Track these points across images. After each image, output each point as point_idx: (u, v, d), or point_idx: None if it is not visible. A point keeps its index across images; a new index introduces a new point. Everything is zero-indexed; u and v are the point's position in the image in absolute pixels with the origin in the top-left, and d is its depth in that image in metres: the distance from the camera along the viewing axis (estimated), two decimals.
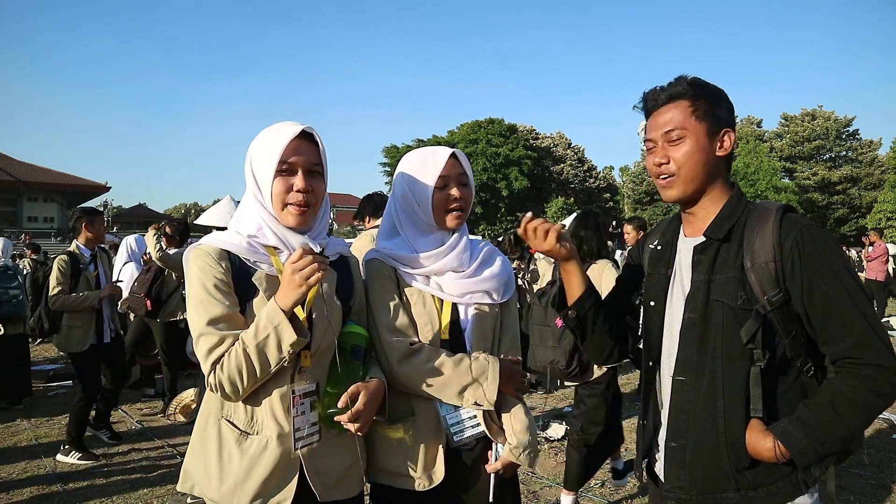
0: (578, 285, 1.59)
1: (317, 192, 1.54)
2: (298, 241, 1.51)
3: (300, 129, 1.50)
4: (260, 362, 1.41)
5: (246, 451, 1.46)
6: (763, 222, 1.37)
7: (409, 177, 1.71)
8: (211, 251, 1.50)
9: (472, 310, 1.71)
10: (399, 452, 1.62)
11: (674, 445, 1.43)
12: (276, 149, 1.48)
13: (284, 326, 1.39)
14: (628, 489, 3.92)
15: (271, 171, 1.48)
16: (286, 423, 1.47)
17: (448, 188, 1.68)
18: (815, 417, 1.29)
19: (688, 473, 1.40)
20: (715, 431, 1.36)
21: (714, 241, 1.42)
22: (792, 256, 1.32)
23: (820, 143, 41.15)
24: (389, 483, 1.64)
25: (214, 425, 1.51)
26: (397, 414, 1.64)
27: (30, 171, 39.43)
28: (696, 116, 1.41)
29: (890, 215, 32.63)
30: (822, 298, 1.29)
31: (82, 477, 4.23)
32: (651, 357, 1.54)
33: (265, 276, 1.52)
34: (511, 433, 1.64)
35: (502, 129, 39.71)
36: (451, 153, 1.70)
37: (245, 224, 1.55)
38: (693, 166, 1.42)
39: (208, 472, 1.48)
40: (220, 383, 1.43)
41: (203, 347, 1.44)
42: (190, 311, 1.48)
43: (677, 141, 1.42)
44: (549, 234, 1.51)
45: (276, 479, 1.46)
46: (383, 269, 1.70)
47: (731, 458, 1.34)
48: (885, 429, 5.13)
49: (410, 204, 1.71)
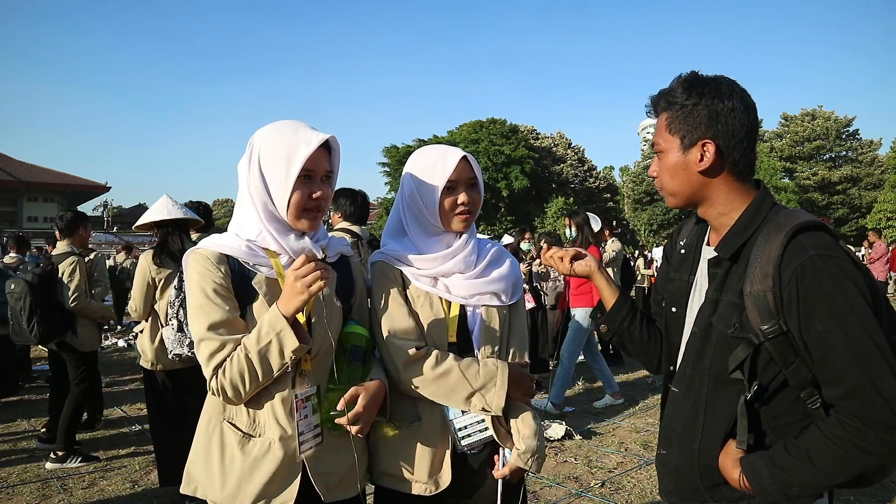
0: (608, 299, 1.62)
1: (327, 198, 1.54)
2: (298, 245, 1.51)
3: (325, 139, 1.49)
4: (262, 368, 1.41)
5: (248, 453, 1.47)
6: (771, 243, 1.25)
7: (417, 178, 1.68)
8: (210, 255, 1.49)
9: (480, 311, 1.69)
10: (405, 457, 1.61)
11: (663, 453, 1.46)
12: (297, 157, 1.44)
13: (286, 333, 1.40)
14: (629, 488, 3.92)
15: (291, 179, 1.45)
16: (288, 425, 1.48)
17: (456, 192, 1.65)
18: (789, 461, 1.21)
19: (671, 481, 1.43)
20: (691, 449, 1.36)
21: (724, 259, 1.35)
22: (790, 289, 1.20)
23: (820, 143, 41.11)
24: (394, 487, 1.63)
25: (217, 428, 1.51)
26: (403, 418, 1.63)
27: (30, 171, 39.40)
28: (669, 130, 1.36)
29: (890, 215, 32.62)
30: (818, 339, 1.18)
31: (82, 477, 4.23)
32: (671, 362, 1.51)
33: (265, 279, 1.51)
34: (519, 438, 1.62)
35: (504, 129, 39.71)
36: (462, 157, 1.66)
37: (245, 228, 1.54)
38: (670, 180, 1.39)
39: (211, 475, 1.49)
40: (223, 388, 1.43)
41: (204, 352, 1.44)
42: (190, 315, 1.48)
43: (659, 154, 1.41)
44: (563, 259, 1.64)
45: (278, 481, 1.47)
46: (389, 272, 1.68)
47: (703, 477, 1.34)
48: None
49: (418, 205, 1.68)
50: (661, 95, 1.39)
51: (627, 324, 1.60)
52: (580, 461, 4.44)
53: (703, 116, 1.31)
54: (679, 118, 1.34)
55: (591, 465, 4.37)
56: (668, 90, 1.39)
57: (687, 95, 1.33)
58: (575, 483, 4.03)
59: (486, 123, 40.10)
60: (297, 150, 1.45)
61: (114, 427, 5.47)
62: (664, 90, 1.40)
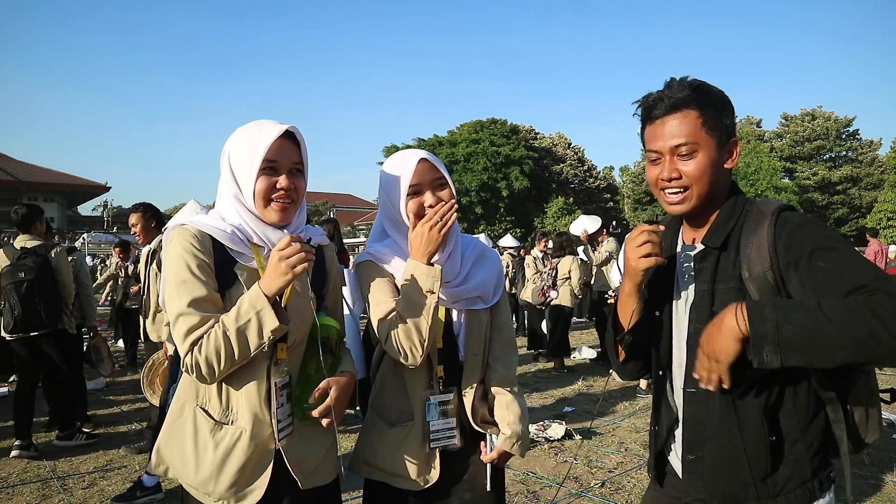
0: (638, 312, 1.49)
1: (298, 189, 1.56)
2: (278, 238, 1.53)
3: (284, 129, 1.51)
4: (239, 346, 1.41)
5: (220, 441, 1.48)
6: (758, 228, 1.32)
7: (385, 185, 1.70)
8: (196, 232, 1.50)
9: (465, 314, 1.73)
10: (397, 453, 1.66)
11: (691, 458, 1.41)
12: (259, 148, 1.48)
13: (267, 312, 1.40)
14: (629, 488, 3.92)
15: (254, 169, 1.48)
16: (261, 412, 1.49)
17: (420, 195, 1.65)
18: (797, 303, 1.19)
19: (709, 485, 1.38)
20: (732, 443, 1.34)
21: (712, 249, 1.38)
22: (787, 260, 1.26)
23: (820, 143, 41.07)
24: (386, 481, 1.68)
25: (190, 412, 1.53)
26: (397, 417, 1.69)
27: (30, 171, 39.32)
28: (706, 129, 1.33)
29: (890, 215, 32.58)
30: (825, 273, 1.19)
31: (82, 477, 4.23)
32: (661, 366, 1.51)
33: (246, 268, 1.53)
34: (505, 424, 1.69)
35: (504, 129, 39.66)
36: (420, 159, 1.64)
37: (227, 217, 1.56)
38: (706, 181, 1.35)
39: (184, 458, 1.51)
40: (197, 364, 1.43)
41: (182, 327, 1.43)
42: (169, 290, 1.47)
43: (689, 155, 1.34)
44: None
45: (250, 469, 1.49)
46: (378, 268, 1.70)
47: (752, 468, 1.32)
48: (886, 428, 5.12)
49: (392, 212, 1.70)
50: (693, 90, 1.34)
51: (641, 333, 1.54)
52: (580, 461, 4.44)
53: (730, 116, 1.37)
54: (716, 117, 1.35)
55: (591, 465, 4.37)
56: (694, 84, 1.35)
57: (717, 95, 1.36)
58: (575, 483, 4.03)
59: (487, 123, 40.03)
60: (258, 141, 1.49)
61: (114, 427, 5.48)
62: (691, 84, 1.35)
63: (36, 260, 4.64)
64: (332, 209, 54.59)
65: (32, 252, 4.70)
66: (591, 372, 7.73)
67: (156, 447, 1.57)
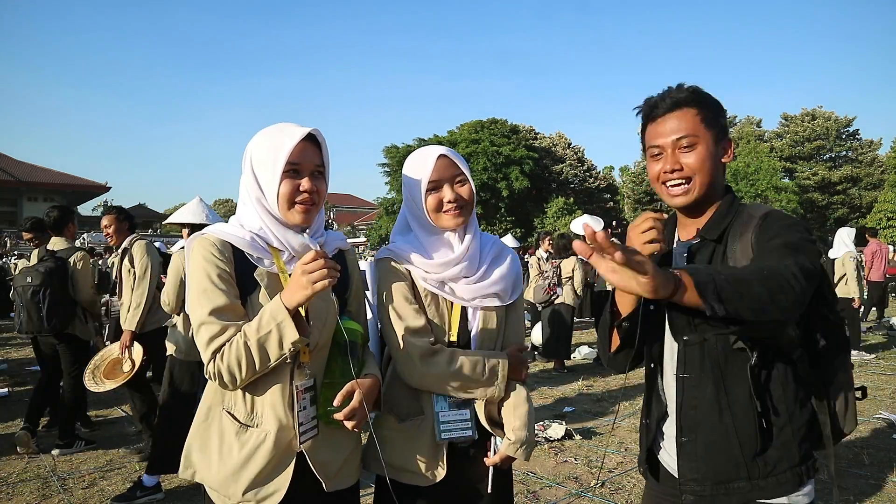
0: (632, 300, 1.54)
1: (320, 192, 1.57)
2: (298, 242, 1.55)
3: (307, 132, 1.52)
4: (260, 356, 1.43)
5: (245, 443, 1.50)
6: (745, 229, 1.42)
7: (406, 180, 1.74)
8: (216, 241, 1.52)
9: (480, 312, 1.74)
10: (408, 449, 1.68)
11: (685, 440, 1.47)
12: (282, 151, 1.49)
13: (287, 324, 1.41)
14: (629, 488, 3.92)
15: (277, 172, 1.50)
16: (285, 417, 1.50)
17: (439, 190, 1.68)
18: (721, 266, 1.37)
19: (702, 465, 1.44)
20: (723, 422, 1.41)
21: (708, 241, 1.46)
22: (758, 249, 1.36)
23: (820, 143, 41.04)
24: (395, 477, 1.69)
25: (216, 416, 1.55)
26: (408, 413, 1.71)
27: (30, 171, 39.39)
28: (705, 124, 1.45)
29: (890, 215, 32.56)
30: (769, 251, 1.31)
31: (82, 477, 4.23)
32: (652, 359, 1.57)
33: (266, 272, 1.54)
34: (510, 429, 1.69)
35: (504, 129, 39.64)
36: (439, 155, 1.68)
37: (247, 222, 1.58)
38: (707, 172, 1.45)
39: (210, 461, 1.52)
40: (219, 372, 1.45)
41: (204, 336, 1.46)
42: (191, 299, 1.50)
43: (689, 148, 1.45)
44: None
45: (269, 470, 1.49)
46: (396, 268, 1.73)
47: (742, 446, 1.39)
48: (885, 428, 5.13)
49: (413, 207, 1.74)
50: (691, 92, 1.48)
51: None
52: (580, 461, 4.44)
53: (724, 118, 1.50)
54: (713, 115, 1.47)
55: (591, 465, 4.38)
56: (692, 88, 1.49)
57: (713, 98, 1.49)
58: (575, 483, 4.03)
59: (487, 123, 40.01)
60: (281, 144, 1.50)
61: (114, 427, 5.48)
62: (690, 88, 1.49)
63: (48, 266, 4.68)
64: (333, 209, 54.59)
65: (52, 256, 4.78)
66: (591, 372, 7.74)
67: (184, 451, 1.59)
